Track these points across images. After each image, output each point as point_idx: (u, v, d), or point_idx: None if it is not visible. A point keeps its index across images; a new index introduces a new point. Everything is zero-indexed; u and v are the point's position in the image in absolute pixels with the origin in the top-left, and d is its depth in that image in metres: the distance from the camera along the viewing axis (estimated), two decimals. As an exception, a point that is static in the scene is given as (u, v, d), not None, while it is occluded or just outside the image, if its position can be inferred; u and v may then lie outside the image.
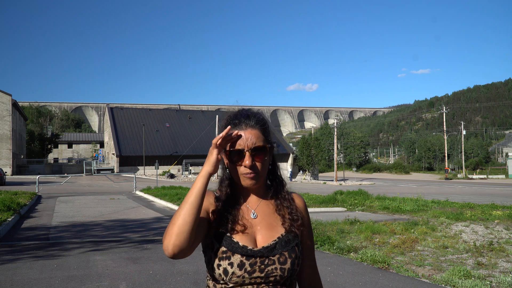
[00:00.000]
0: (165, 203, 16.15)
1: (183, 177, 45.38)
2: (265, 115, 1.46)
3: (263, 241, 1.34)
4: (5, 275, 5.63)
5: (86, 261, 6.48)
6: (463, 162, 73.10)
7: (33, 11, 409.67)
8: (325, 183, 42.63)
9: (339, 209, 15.43)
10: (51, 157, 79.73)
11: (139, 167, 52.96)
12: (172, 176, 44.99)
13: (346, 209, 15.31)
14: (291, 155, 55.09)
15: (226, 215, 1.35)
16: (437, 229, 9.82)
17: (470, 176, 67.84)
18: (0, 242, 8.17)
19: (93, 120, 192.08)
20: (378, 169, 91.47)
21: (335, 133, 54.23)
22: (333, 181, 47.20)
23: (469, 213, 12.50)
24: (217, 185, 1.46)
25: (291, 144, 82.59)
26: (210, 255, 1.33)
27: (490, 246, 7.79)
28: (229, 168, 1.39)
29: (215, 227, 1.34)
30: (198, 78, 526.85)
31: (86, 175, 46.60)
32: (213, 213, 1.36)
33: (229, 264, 1.28)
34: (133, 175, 27.32)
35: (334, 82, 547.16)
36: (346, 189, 23.98)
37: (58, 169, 56.31)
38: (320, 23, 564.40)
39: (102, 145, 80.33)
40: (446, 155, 64.76)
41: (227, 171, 1.42)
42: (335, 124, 56.66)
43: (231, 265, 1.28)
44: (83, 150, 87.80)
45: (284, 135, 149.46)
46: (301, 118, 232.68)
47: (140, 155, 52.96)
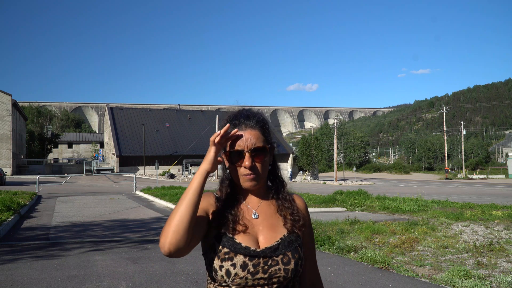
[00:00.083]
0: (165, 203, 16.16)
1: (183, 177, 45.40)
2: (265, 115, 1.45)
3: (266, 241, 1.33)
4: (5, 275, 5.63)
5: (86, 261, 6.48)
6: (463, 162, 73.10)
7: (33, 11, 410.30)
8: (325, 183, 42.62)
9: (339, 209, 15.43)
10: (51, 157, 79.73)
11: (139, 167, 52.99)
12: (172, 176, 45.00)
13: (346, 209, 15.30)
14: (291, 155, 55.10)
15: (227, 215, 1.34)
16: (437, 229, 9.81)
17: (470, 176, 67.85)
18: (0, 242, 8.16)
19: (93, 120, 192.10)
20: (378, 169, 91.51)
21: (335, 133, 54.22)
22: (333, 181, 47.19)
23: (469, 213, 12.49)
24: (217, 186, 1.45)
25: (291, 144, 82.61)
26: (211, 256, 1.31)
27: (490, 246, 7.79)
28: (229, 169, 1.38)
29: (216, 228, 1.33)
30: (198, 78, 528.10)
31: (86, 175, 46.60)
32: (213, 213, 1.35)
33: (231, 265, 1.26)
34: (133, 175, 27.33)
35: (334, 82, 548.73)
36: (346, 189, 23.99)
37: (58, 169, 56.34)
38: (320, 23, 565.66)
39: (102, 145, 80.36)
40: (446, 155, 64.77)
41: (227, 171, 1.41)
42: (335, 124, 56.66)
43: (233, 266, 1.26)
44: (83, 150, 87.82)
45: (284, 135, 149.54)
46: (301, 118, 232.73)
47: (140, 155, 52.97)
